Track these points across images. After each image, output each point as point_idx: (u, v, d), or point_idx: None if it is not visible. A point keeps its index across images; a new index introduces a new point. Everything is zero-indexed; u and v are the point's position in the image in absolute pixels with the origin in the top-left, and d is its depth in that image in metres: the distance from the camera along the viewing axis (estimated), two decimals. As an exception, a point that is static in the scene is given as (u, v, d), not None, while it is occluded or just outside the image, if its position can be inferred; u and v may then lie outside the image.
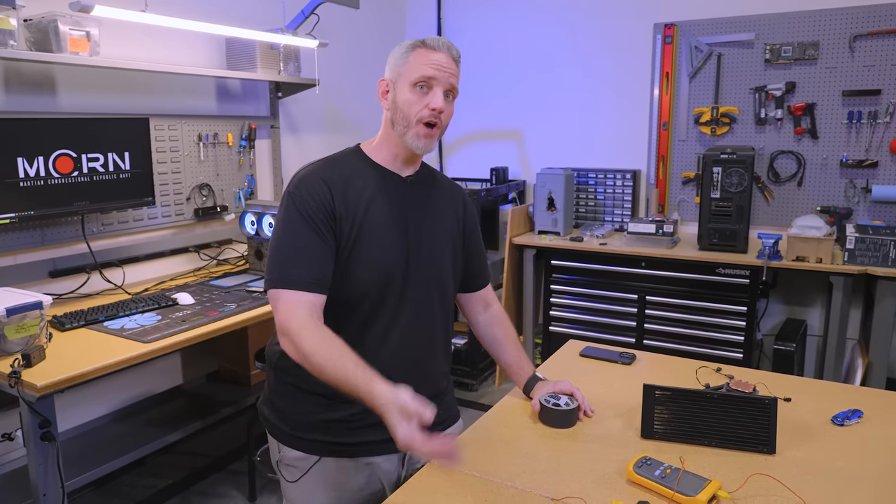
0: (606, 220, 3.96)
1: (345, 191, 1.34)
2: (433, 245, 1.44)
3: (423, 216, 1.43)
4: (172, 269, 2.93)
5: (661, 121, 3.77)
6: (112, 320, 2.18)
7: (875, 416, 1.47)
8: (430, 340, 1.46)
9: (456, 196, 1.55)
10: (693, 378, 1.69)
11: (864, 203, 3.34)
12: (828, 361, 3.12)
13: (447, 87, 1.35)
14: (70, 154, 2.36)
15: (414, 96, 1.34)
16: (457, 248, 1.51)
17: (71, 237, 2.51)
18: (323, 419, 1.38)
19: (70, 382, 1.74)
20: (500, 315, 1.64)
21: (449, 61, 1.35)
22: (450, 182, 1.58)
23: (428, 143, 1.36)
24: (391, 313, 1.37)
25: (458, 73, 1.39)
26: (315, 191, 1.32)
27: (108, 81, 2.65)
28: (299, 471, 1.40)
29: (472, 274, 1.59)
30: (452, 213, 1.51)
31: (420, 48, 1.35)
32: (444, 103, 1.35)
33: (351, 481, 1.40)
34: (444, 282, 1.47)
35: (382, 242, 1.35)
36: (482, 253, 1.63)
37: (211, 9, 2.98)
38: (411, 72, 1.34)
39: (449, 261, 1.48)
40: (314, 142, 3.68)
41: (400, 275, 1.37)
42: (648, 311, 3.42)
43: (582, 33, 3.94)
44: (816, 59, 3.34)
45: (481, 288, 1.63)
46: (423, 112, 1.34)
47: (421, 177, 1.47)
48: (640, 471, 1.20)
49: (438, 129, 1.37)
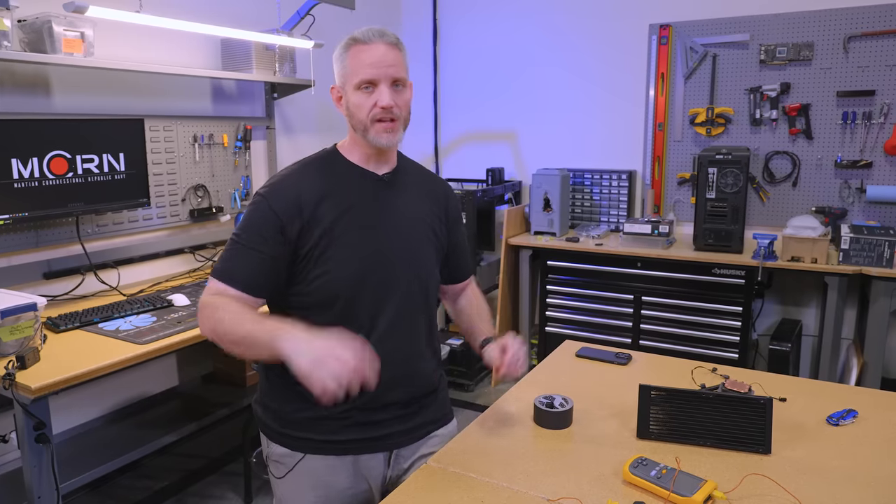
0: (602, 220, 3.97)
1: (318, 194, 1.34)
2: (413, 242, 1.43)
3: (402, 214, 1.43)
4: (168, 270, 2.92)
5: (657, 121, 3.78)
6: (107, 322, 2.17)
7: (870, 416, 1.47)
8: (415, 338, 1.45)
9: (437, 189, 1.55)
10: (689, 378, 1.69)
11: (858, 203, 3.35)
12: (823, 361, 3.13)
13: (391, 81, 1.33)
14: (64, 155, 2.36)
15: (361, 98, 1.33)
16: (440, 242, 1.51)
17: (65, 238, 2.50)
18: (309, 416, 1.38)
19: (65, 384, 1.73)
20: (469, 291, 1.66)
21: (386, 52, 1.32)
22: (431, 175, 1.58)
23: (391, 137, 1.35)
24: (370, 313, 1.37)
25: (402, 56, 1.36)
26: (283, 197, 1.33)
27: (103, 82, 2.64)
28: (285, 467, 1.42)
29: (454, 267, 1.60)
30: (434, 206, 1.50)
31: (353, 46, 1.34)
32: (393, 96, 1.33)
33: (336, 479, 1.40)
34: (427, 279, 1.46)
35: (356, 243, 1.35)
36: (465, 245, 1.63)
37: (206, 9, 2.97)
38: (352, 75, 1.34)
39: (431, 257, 1.48)
40: (310, 142, 3.68)
41: (376, 274, 1.36)
42: (644, 311, 3.43)
43: (577, 34, 3.95)
44: (811, 60, 3.35)
45: (464, 280, 1.64)
46: (375, 111, 1.33)
47: (398, 173, 1.46)
48: (636, 471, 1.20)
49: (398, 122, 1.36)
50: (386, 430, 1.41)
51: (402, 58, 1.36)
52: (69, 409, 2.58)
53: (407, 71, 1.38)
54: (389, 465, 1.45)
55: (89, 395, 2.64)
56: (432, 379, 1.51)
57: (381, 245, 1.38)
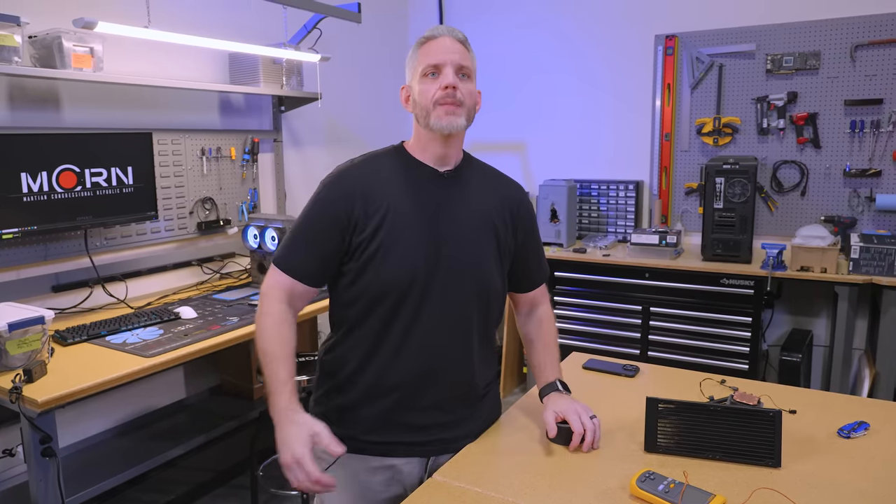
0: (609, 231, 3.95)
1: (377, 188, 1.37)
2: (470, 242, 1.41)
3: (459, 213, 1.41)
4: (175, 283, 2.93)
5: (664, 132, 3.77)
6: (114, 335, 2.18)
7: (882, 429, 1.45)
8: (465, 340, 1.42)
9: (507, 192, 1.51)
10: (697, 390, 1.67)
11: (868, 212, 3.33)
12: (834, 372, 3.10)
13: (456, 67, 1.35)
14: (73, 169, 2.38)
15: (426, 85, 1.36)
16: (503, 245, 1.46)
17: (74, 252, 2.51)
18: (353, 416, 1.40)
19: (71, 398, 1.73)
20: (543, 315, 1.60)
21: (453, 43, 1.36)
22: (504, 178, 1.55)
23: (452, 120, 1.35)
24: (416, 311, 1.36)
25: (469, 53, 1.39)
26: (344, 188, 1.37)
27: (112, 97, 2.66)
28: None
29: (523, 274, 1.55)
30: (499, 208, 1.46)
31: (423, 44, 1.39)
32: (457, 80, 1.35)
33: (372, 481, 1.40)
34: (485, 280, 1.42)
35: (406, 240, 1.35)
36: (538, 253, 1.58)
37: (214, 24, 3.00)
38: (419, 65, 1.38)
39: (492, 258, 1.44)
40: (317, 155, 3.69)
41: (424, 273, 1.35)
42: (653, 322, 3.40)
43: (584, 45, 3.96)
44: (818, 69, 3.34)
45: (533, 289, 1.59)
46: (437, 94, 1.34)
47: (461, 171, 1.45)
48: (644, 485, 1.18)
49: (462, 107, 1.36)
50: (426, 436, 1.41)
51: (469, 53, 1.39)
52: (76, 422, 2.58)
53: (474, 66, 1.41)
54: (427, 471, 1.43)
55: (96, 409, 2.65)
56: (478, 387, 1.47)
57: (434, 242, 1.37)
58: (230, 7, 3.09)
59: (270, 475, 2.80)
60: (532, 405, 1.57)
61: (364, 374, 1.39)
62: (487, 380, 1.51)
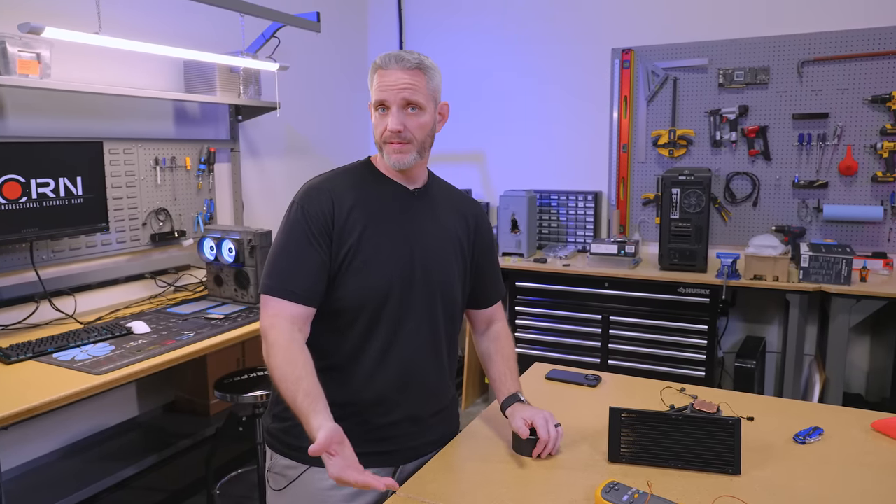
0: (569, 241, 4.00)
1: (350, 202, 1.37)
2: (439, 256, 1.44)
3: (430, 228, 1.44)
4: (127, 296, 2.83)
5: (621, 143, 3.84)
6: (62, 351, 2.08)
7: (835, 433, 1.49)
8: (435, 351, 1.45)
9: (469, 210, 1.55)
10: (658, 399, 1.69)
11: (816, 222, 3.44)
12: (787, 377, 3.19)
13: (403, 104, 1.35)
14: (18, 179, 2.28)
15: (377, 119, 1.39)
16: (466, 262, 1.51)
17: (19, 265, 2.41)
18: None
19: (15, 419, 1.65)
20: (500, 331, 1.63)
21: (400, 76, 1.34)
22: (464, 197, 1.59)
23: (400, 158, 1.37)
24: (392, 324, 1.37)
25: (423, 76, 1.36)
26: (318, 202, 1.35)
27: (61, 104, 2.57)
28: (286, 479, 1.40)
29: (482, 291, 1.59)
30: (463, 226, 1.51)
31: (376, 71, 1.38)
32: (402, 119, 1.34)
33: (338, 493, 1.37)
34: (450, 295, 1.46)
35: (382, 254, 1.37)
36: (495, 270, 1.62)
37: (168, 31, 2.93)
38: (372, 96, 1.39)
39: (456, 275, 1.47)
40: (275, 165, 3.64)
41: (399, 286, 1.37)
42: (612, 330, 3.45)
43: (542, 58, 4.01)
44: (767, 84, 3.45)
45: (491, 305, 1.62)
46: (385, 134, 1.37)
47: (429, 189, 1.48)
48: (608, 496, 1.18)
49: (411, 144, 1.37)
50: (394, 445, 1.42)
51: (422, 81, 1.35)
52: (20, 443, 2.46)
53: (430, 94, 1.37)
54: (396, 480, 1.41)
55: (42, 429, 2.53)
56: (446, 395, 1.51)
57: (408, 257, 1.39)
58: (186, 14, 3.02)
59: (228, 493, 2.72)
60: (495, 416, 1.57)
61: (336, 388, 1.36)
62: (452, 385, 1.55)
